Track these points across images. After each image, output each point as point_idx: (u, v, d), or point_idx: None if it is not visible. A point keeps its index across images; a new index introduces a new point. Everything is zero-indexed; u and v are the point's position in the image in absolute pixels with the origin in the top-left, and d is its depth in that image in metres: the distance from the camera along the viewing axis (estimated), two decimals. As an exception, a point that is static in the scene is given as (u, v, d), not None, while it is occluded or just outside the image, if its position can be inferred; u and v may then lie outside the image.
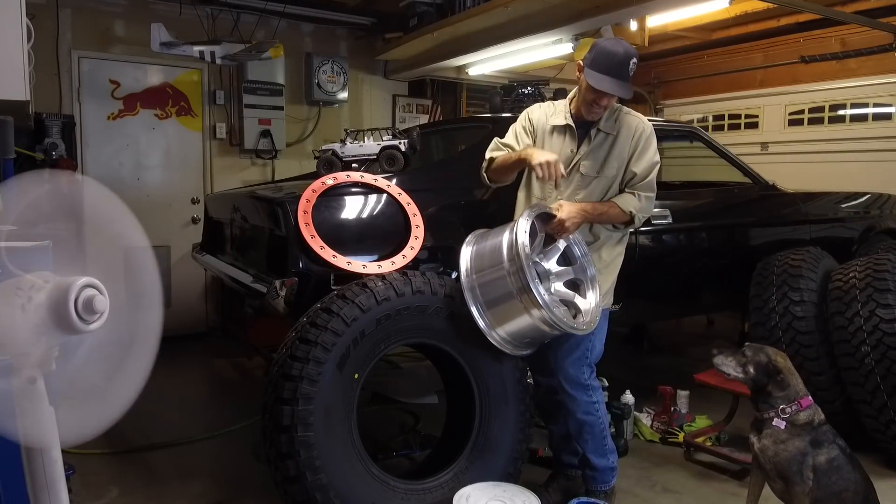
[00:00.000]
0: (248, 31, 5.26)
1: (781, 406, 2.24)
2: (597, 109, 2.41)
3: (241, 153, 5.54)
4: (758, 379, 2.29)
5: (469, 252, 2.37)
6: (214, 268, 3.58)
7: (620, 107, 2.52)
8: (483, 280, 2.30)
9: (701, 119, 7.18)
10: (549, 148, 2.51)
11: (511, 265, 2.21)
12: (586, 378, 2.55)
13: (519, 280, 2.19)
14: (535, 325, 2.26)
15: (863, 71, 5.82)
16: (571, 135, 2.48)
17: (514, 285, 2.22)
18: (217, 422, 3.57)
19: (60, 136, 4.46)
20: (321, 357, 2.21)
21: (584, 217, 2.37)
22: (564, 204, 2.35)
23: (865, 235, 4.27)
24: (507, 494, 2.29)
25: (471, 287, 2.31)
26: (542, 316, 2.20)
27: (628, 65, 2.31)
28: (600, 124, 2.45)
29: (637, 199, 2.43)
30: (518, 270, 2.19)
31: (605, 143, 2.46)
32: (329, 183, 2.72)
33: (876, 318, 2.99)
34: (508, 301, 2.25)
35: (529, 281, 2.16)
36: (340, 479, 2.21)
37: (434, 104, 6.54)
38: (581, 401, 2.54)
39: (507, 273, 2.22)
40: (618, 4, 4.01)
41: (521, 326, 2.29)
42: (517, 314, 2.26)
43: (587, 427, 2.57)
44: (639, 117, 2.52)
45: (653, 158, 2.47)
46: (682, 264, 3.64)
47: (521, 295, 2.21)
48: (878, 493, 2.32)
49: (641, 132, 2.46)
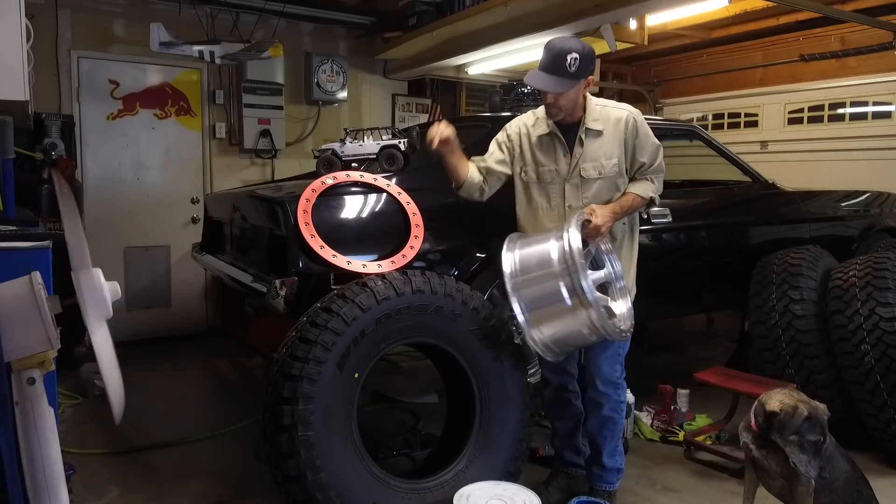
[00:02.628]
0: (248, 30, 5.26)
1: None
2: (549, 110, 2.41)
3: (241, 153, 5.54)
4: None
5: (514, 254, 2.33)
6: (214, 267, 3.58)
7: (604, 102, 2.51)
8: (530, 281, 2.26)
9: (700, 118, 7.18)
10: (540, 158, 2.50)
11: (562, 267, 2.19)
12: (618, 376, 2.57)
13: (572, 282, 2.17)
14: (578, 329, 2.23)
15: (862, 69, 5.82)
16: (559, 142, 2.47)
17: (565, 287, 2.19)
18: (217, 421, 3.57)
19: (60, 136, 4.47)
20: (321, 356, 2.21)
21: (614, 218, 2.38)
22: (596, 208, 2.34)
23: (865, 234, 4.27)
24: (508, 493, 2.28)
25: (516, 287, 2.27)
26: (592, 319, 2.18)
27: (564, 59, 2.28)
28: (587, 123, 2.44)
29: (652, 183, 2.47)
30: (571, 273, 2.16)
31: (598, 140, 2.44)
32: (329, 182, 2.72)
33: (876, 316, 2.99)
34: (556, 303, 2.22)
35: (585, 284, 2.14)
36: (341, 478, 2.21)
37: (433, 103, 6.53)
38: (612, 398, 2.55)
39: (559, 275, 2.20)
40: (617, 3, 4.00)
41: (565, 329, 2.25)
42: (564, 316, 2.23)
43: (610, 425, 2.57)
44: (624, 107, 2.49)
45: (654, 142, 2.48)
46: (681, 263, 3.64)
47: (572, 297, 2.18)
48: (879, 491, 2.32)
49: (632, 122, 2.44)
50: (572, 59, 2.29)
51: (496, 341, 2.51)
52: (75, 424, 3.52)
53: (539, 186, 2.52)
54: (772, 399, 2.20)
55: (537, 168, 2.51)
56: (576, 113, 2.45)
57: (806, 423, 2.10)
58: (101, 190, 4.93)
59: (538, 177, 2.51)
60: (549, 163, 2.49)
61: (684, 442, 3.25)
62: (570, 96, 2.37)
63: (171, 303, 5.27)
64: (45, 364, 1.34)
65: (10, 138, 2.78)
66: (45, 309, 1.29)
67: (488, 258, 2.90)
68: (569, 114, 2.42)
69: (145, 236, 5.11)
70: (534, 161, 2.52)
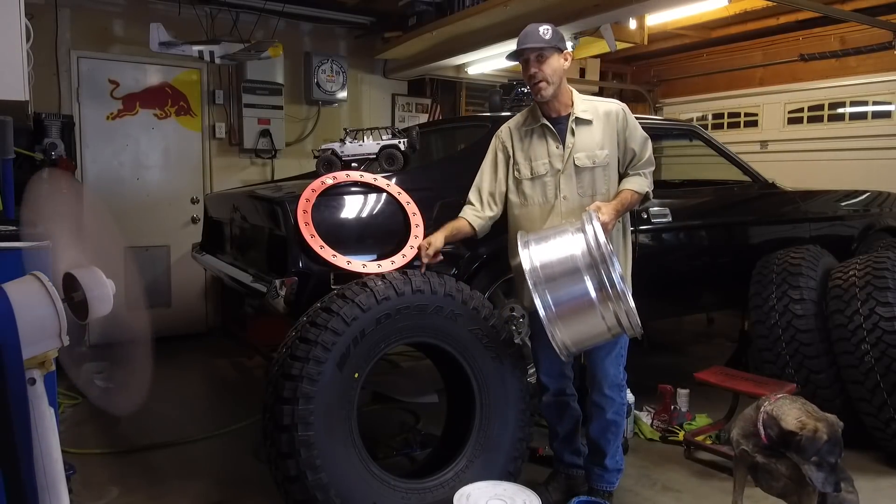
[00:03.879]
0: (247, 30, 5.26)
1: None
2: (536, 86, 2.44)
3: (241, 153, 5.54)
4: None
5: (530, 250, 2.30)
6: (214, 267, 3.58)
7: (590, 97, 2.57)
8: (553, 276, 2.23)
9: (700, 117, 7.19)
10: (532, 151, 2.52)
11: (587, 261, 2.18)
12: (622, 378, 2.57)
13: (600, 275, 2.16)
14: (601, 324, 2.21)
15: (862, 69, 5.82)
16: (551, 133, 2.50)
17: (591, 281, 2.18)
18: (217, 421, 3.57)
19: (60, 136, 4.46)
20: (321, 356, 2.21)
21: (617, 215, 2.39)
22: (602, 205, 2.35)
23: (865, 233, 4.27)
24: (508, 493, 2.29)
25: (538, 283, 2.24)
26: (618, 312, 2.17)
27: (537, 30, 2.43)
28: (577, 113, 2.48)
29: (645, 178, 2.51)
30: (600, 266, 2.16)
31: (589, 131, 2.48)
32: (329, 182, 2.72)
33: (875, 316, 2.99)
34: (581, 297, 2.20)
35: (615, 277, 2.14)
36: (341, 478, 2.21)
37: (433, 103, 6.53)
38: (616, 402, 2.55)
39: (584, 269, 2.18)
40: (617, 3, 4.00)
41: (588, 324, 2.23)
42: (588, 311, 2.21)
43: (613, 428, 2.57)
44: (612, 101, 2.56)
45: (643, 133, 2.53)
46: (681, 263, 3.65)
47: (599, 290, 2.17)
48: (879, 491, 2.33)
49: (622, 114, 2.50)
50: (544, 30, 2.43)
51: (496, 341, 2.51)
52: (75, 424, 3.52)
53: (532, 182, 2.52)
54: (786, 415, 2.18)
55: (530, 163, 2.52)
56: (564, 105, 2.50)
57: (826, 445, 2.09)
58: (101, 190, 4.93)
59: (531, 171, 2.52)
60: (542, 155, 2.51)
61: (684, 442, 3.25)
62: (552, 65, 2.42)
63: (171, 303, 5.27)
64: (46, 364, 1.35)
65: (9, 138, 2.79)
66: (60, 306, 1.31)
67: (488, 258, 2.90)
68: (555, 90, 2.45)
69: (145, 236, 5.11)
70: (525, 157, 2.54)
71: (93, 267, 1.39)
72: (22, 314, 1.24)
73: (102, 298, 1.37)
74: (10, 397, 1.21)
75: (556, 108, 2.50)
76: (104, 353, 1.79)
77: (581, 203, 2.44)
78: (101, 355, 2.49)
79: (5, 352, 1.20)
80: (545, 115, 2.51)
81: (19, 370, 1.22)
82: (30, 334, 1.25)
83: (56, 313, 1.31)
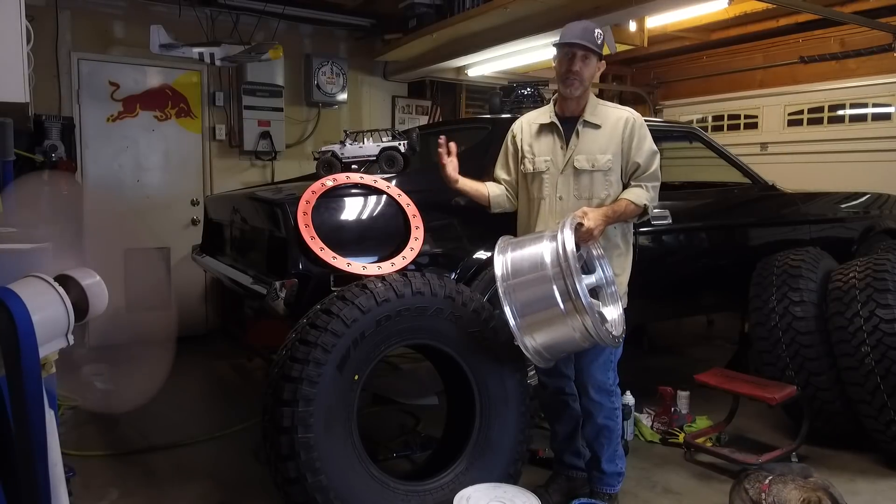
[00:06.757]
0: (248, 32, 5.26)
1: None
2: (570, 80, 2.43)
3: (241, 155, 5.54)
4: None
5: (505, 257, 2.30)
6: (214, 269, 3.58)
7: (607, 103, 2.56)
8: (522, 284, 2.23)
9: (700, 119, 7.19)
10: (537, 147, 2.54)
11: (556, 270, 2.16)
12: (611, 383, 2.55)
13: (566, 286, 2.13)
14: (571, 335, 2.20)
15: (862, 71, 5.83)
16: (558, 132, 2.51)
17: (558, 291, 2.15)
18: (217, 423, 3.56)
19: (60, 138, 4.47)
20: (321, 358, 2.20)
21: (606, 221, 2.37)
22: (588, 211, 2.34)
23: (865, 235, 4.27)
24: (508, 496, 2.28)
25: (507, 291, 2.24)
26: (586, 324, 2.14)
27: (592, 32, 2.43)
28: (585, 116, 2.48)
29: (646, 191, 2.46)
30: (565, 276, 2.13)
31: (595, 134, 2.47)
32: (329, 184, 2.73)
33: (876, 318, 2.98)
34: (549, 308, 2.18)
35: (579, 288, 2.11)
36: (341, 480, 2.20)
37: (433, 105, 6.53)
38: (605, 406, 2.53)
39: (552, 278, 2.16)
40: (617, 5, 4.00)
41: (557, 334, 2.22)
42: (556, 321, 2.19)
43: (606, 432, 2.56)
44: (626, 109, 2.54)
45: (652, 147, 2.49)
46: (681, 265, 3.64)
47: (566, 301, 2.14)
48: (879, 493, 2.33)
49: (633, 122, 2.47)
50: (598, 34, 2.44)
51: (496, 343, 2.51)
52: (75, 426, 3.51)
53: (535, 177, 2.54)
54: (789, 500, 2.20)
55: (534, 158, 2.54)
56: (580, 108, 2.50)
57: None
58: (101, 192, 4.93)
59: (534, 167, 2.54)
60: (546, 152, 2.52)
61: (684, 444, 3.25)
62: (591, 69, 2.45)
63: (171, 304, 5.26)
64: (46, 366, 1.35)
65: (10, 140, 2.79)
66: (69, 305, 1.31)
67: (489, 260, 2.90)
68: (582, 91, 2.47)
69: (145, 238, 5.11)
70: (532, 151, 2.56)
71: (85, 268, 1.39)
72: (35, 316, 1.23)
73: (99, 298, 1.37)
74: (28, 399, 1.19)
75: (572, 108, 2.51)
76: (104, 354, 1.80)
77: (577, 206, 2.43)
78: (100, 357, 2.49)
79: (25, 355, 1.18)
80: (559, 113, 2.53)
81: (37, 373, 1.21)
82: (42, 335, 1.24)
83: (66, 312, 1.30)
